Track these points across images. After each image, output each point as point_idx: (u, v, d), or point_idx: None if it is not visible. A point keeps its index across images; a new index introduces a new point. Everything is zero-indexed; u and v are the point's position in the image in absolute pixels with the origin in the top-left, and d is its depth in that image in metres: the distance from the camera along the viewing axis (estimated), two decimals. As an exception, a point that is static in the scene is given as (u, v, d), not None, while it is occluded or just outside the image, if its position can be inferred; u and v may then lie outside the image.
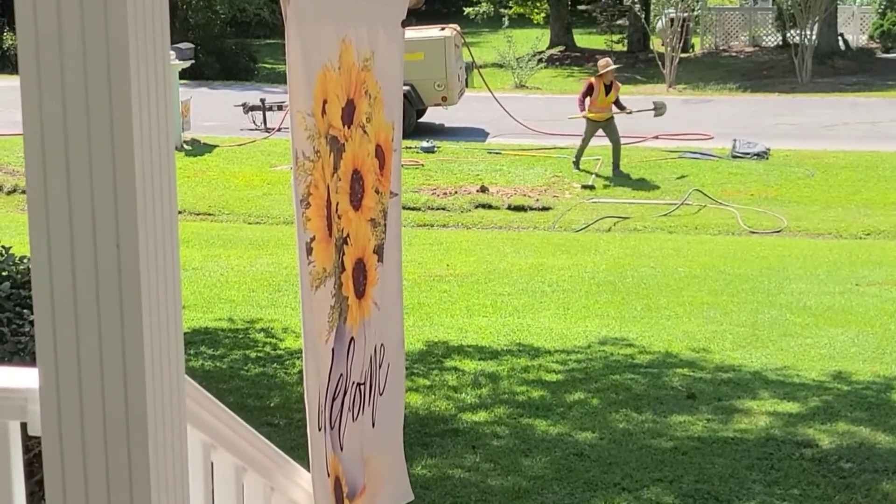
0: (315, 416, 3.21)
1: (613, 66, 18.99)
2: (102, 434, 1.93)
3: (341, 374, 3.40)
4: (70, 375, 1.92)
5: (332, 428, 3.36)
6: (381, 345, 3.74)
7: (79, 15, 1.81)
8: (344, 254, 3.40)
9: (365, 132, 3.52)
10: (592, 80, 18.70)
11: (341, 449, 3.44)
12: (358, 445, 3.60)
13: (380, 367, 3.74)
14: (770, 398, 8.29)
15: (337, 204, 3.34)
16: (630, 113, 18.83)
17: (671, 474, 6.87)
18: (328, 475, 3.30)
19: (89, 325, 1.90)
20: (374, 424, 3.72)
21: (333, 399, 3.36)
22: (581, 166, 18.99)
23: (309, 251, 3.17)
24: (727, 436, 7.53)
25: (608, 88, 18.50)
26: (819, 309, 11.11)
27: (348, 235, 3.43)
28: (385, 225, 3.70)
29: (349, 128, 3.41)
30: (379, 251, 3.67)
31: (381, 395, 3.75)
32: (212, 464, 3.02)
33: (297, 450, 3.16)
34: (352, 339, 3.47)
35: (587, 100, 18.44)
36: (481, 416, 7.98)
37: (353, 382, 3.52)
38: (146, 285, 1.91)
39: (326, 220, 3.26)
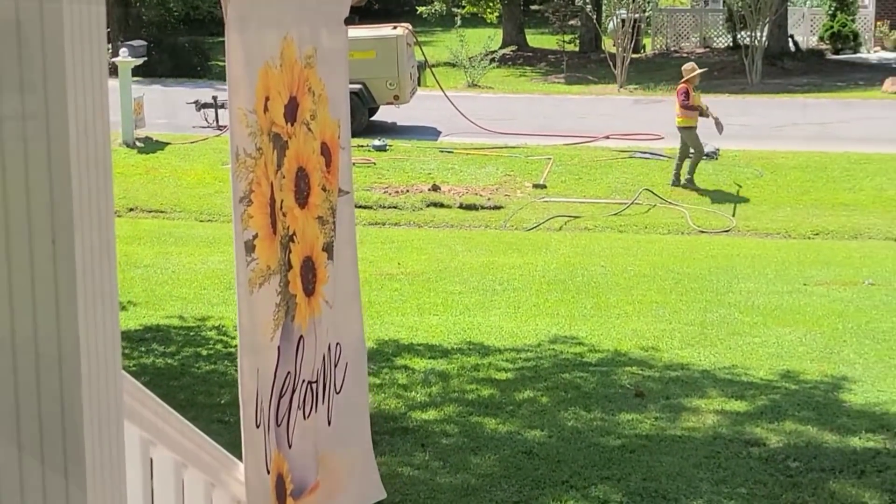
0: (252, 414, 3.18)
1: (700, 70, 18.65)
2: (38, 428, 1.92)
3: (289, 372, 3.38)
4: (5, 370, 1.90)
5: (277, 425, 3.33)
6: (337, 343, 3.71)
7: (14, 17, 1.80)
8: (290, 251, 3.37)
9: (309, 129, 3.49)
10: (685, 85, 18.11)
11: (289, 446, 3.41)
12: (311, 443, 3.57)
13: (335, 365, 3.71)
14: (718, 397, 8.35)
15: (281, 201, 3.31)
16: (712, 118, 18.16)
17: (619, 472, 6.91)
18: (268, 472, 3.27)
19: (24, 320, 1.89)
20: (330, 422, 3.69)
21: (280, 396, 3.33)
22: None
23: (251, 248, 3.14)
24: (675, 434, 7.57)
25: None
26: (767, 308, 11.21)
27: (294, 233, 3.40)
28: (334, 223, 3.67)
29: (293, 125, 3.38)
30: (329, 249, 3.64)
31: (337, 393, 3.72)
32: (151, 459, 3.00)
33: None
34: (301, 337, 3.45)
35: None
36: (431, 414, 8.00)
37: (304, 381, 3.48)
38: (82, 281, 1.89)
39: (270, 217, 3.23)
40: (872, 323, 10.55)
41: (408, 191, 17.74)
